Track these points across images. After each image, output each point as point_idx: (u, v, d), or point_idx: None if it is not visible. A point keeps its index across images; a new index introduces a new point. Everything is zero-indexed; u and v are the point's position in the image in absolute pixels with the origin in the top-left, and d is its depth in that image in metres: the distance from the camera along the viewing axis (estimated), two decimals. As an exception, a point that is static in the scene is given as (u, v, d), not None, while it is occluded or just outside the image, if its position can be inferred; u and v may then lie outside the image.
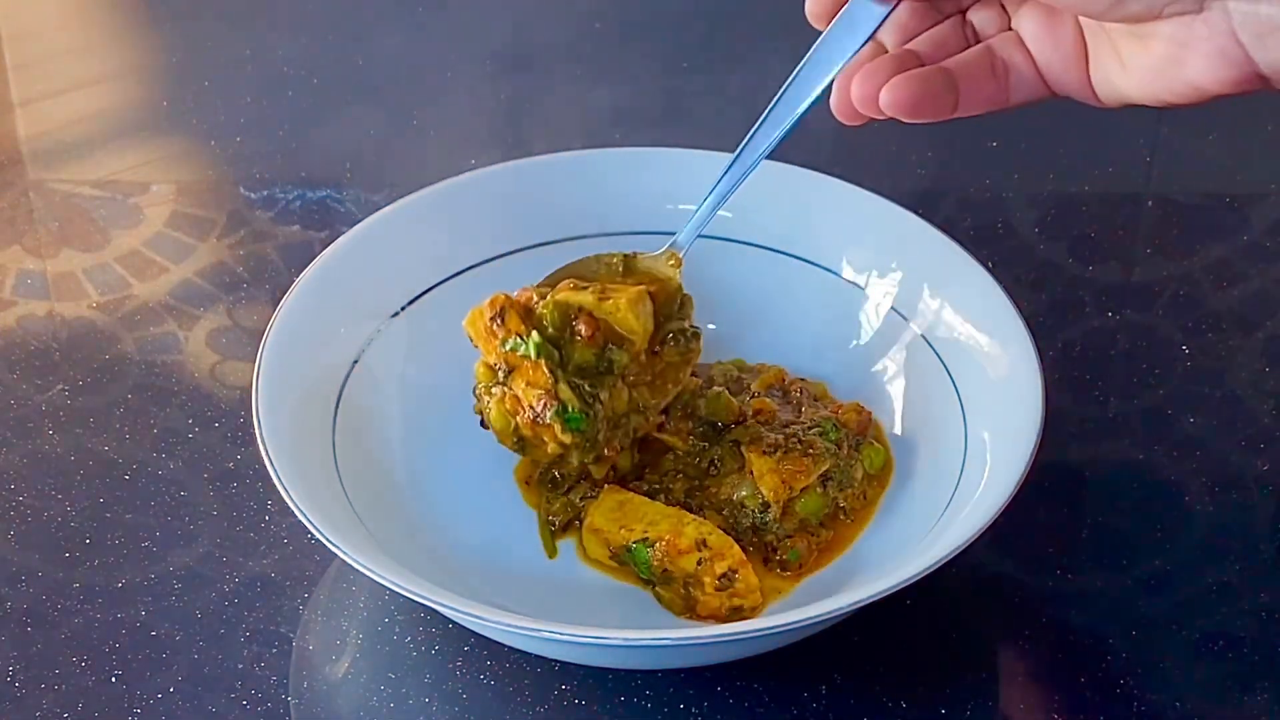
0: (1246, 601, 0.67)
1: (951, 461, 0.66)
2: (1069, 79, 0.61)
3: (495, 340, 0.66)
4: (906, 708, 0.63)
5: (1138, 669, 0.65)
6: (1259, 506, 0.71)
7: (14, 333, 0.80)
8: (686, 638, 0.59)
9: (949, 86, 0.61)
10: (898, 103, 0.60)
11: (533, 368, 0.65)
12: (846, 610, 0.59)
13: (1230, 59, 0.55)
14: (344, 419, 0.68)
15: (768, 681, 0.64)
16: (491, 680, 0.64)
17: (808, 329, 0.74)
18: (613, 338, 0.66)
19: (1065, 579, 0.68)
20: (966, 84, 0.61)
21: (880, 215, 0.74)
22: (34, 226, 0.86)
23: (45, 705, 0.63)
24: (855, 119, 0.61)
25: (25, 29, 1.01)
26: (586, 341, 0.66)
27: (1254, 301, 0.81)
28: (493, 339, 0.66)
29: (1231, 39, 0.55)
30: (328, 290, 0.70)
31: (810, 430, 0.68)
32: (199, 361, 0.78)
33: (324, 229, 0.85)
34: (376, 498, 0.67)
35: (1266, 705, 0.64)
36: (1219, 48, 0.55)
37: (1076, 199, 0.88)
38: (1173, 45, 0.56)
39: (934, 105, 0.61)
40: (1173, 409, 0.75)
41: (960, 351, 0.70)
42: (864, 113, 0.61)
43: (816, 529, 0.67)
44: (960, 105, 0.61)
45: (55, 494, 0.72)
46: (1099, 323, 0.80)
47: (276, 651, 0.65)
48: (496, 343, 0.66)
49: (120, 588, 0.68)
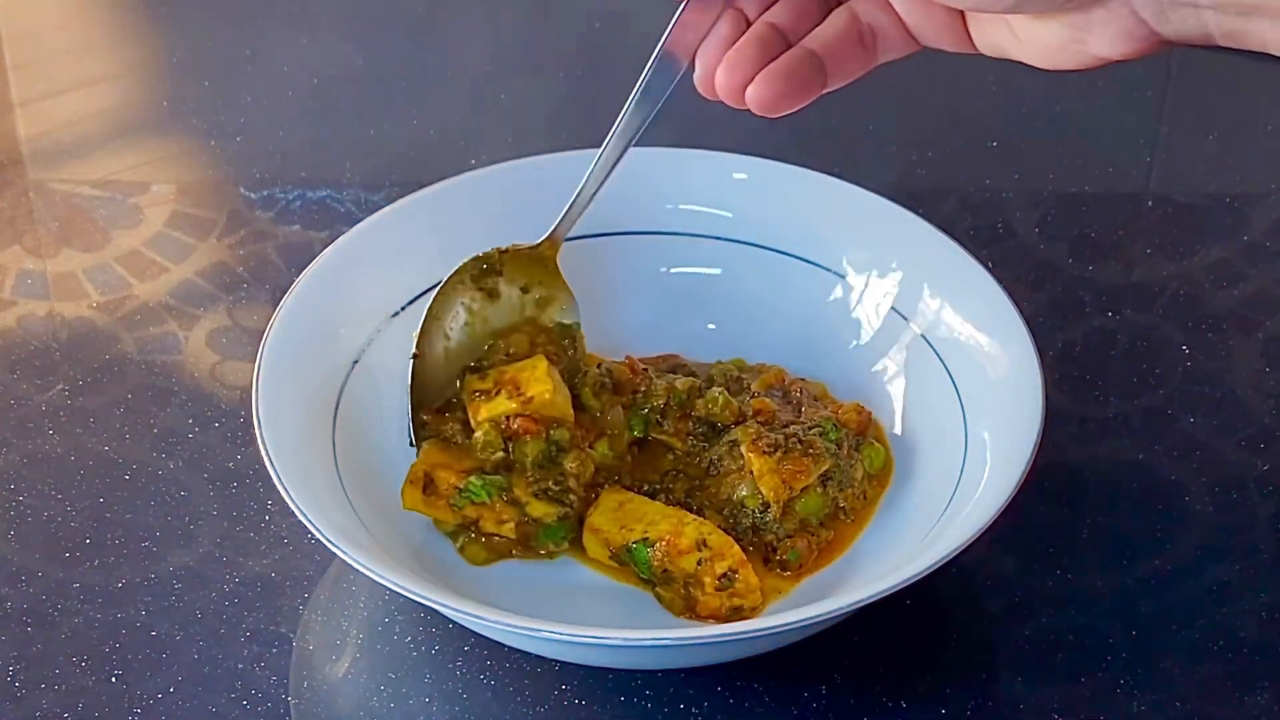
0: (1246, 601, 0.67)
1: (951, 461, 0.66)
2: (944, 39, 0.59)
3: (444, 506, 0.66)
4: (906, 708, 0.63)
5: (1138, 669, 0.65)
6: (1259, 506, 0.71)
7: (14, 333, 0.80)
8: (686, 638, 0.59)
9: (816, 71, 0.59)
10: (764, 100, 0.59)
11: (495, 506, 0.66)
12: (846, 610, 0.59)
13: (1133, 35, 0.54)
14: (344, 419, 0.68)
15: (768, 681, 0.64)
16: (491, 680, 0.64)
17: (808, 329, 0.74)
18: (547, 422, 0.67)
19: (1065, 579, 0.68)
20: (834, 61, 0.60)
21: (880, 215, 0.74)
22: (34, 226, 0.86)
23: (45, 705, 0.63)
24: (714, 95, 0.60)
25: (25, 29, 1.01)
26: (535, 437, 0.66)
27: (1254, 301, 0.81)
28: (442, 508, 0.66)
29: (1134, 18, 0.54)
30: (328, 290, 0.70)
31: (810, 430, 0.68)
32: (199, 361, 0.78)
33: (324, 229, 0.85)
34: (376, 498, 0.67)
35: (1266, 705, 0.64)
36: (1122, 28, 0.54)
37: (1076, 199, 0.88)
38: (1071, 28, 0.55)
39: (801, 95, 0.59)
40: (1173, 409, 0.75)
41: (960, 351, 0.70)
42: (729, 104, 0.60)
43: (816, 529, 0.67)
44: (828, 83, 0.60)
45: (55, 494, 0.72)
46: (1099, 323, 0.80)
47: (276, 651, 0.65)
48: (446, 507, 0.66)
49: (120, 588, 0.68)
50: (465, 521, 0.66)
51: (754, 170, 0.75)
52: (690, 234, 0.75)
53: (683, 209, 0.76)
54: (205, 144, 0.92)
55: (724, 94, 0.60)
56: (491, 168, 0.76)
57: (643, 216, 0.75)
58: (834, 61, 0.60)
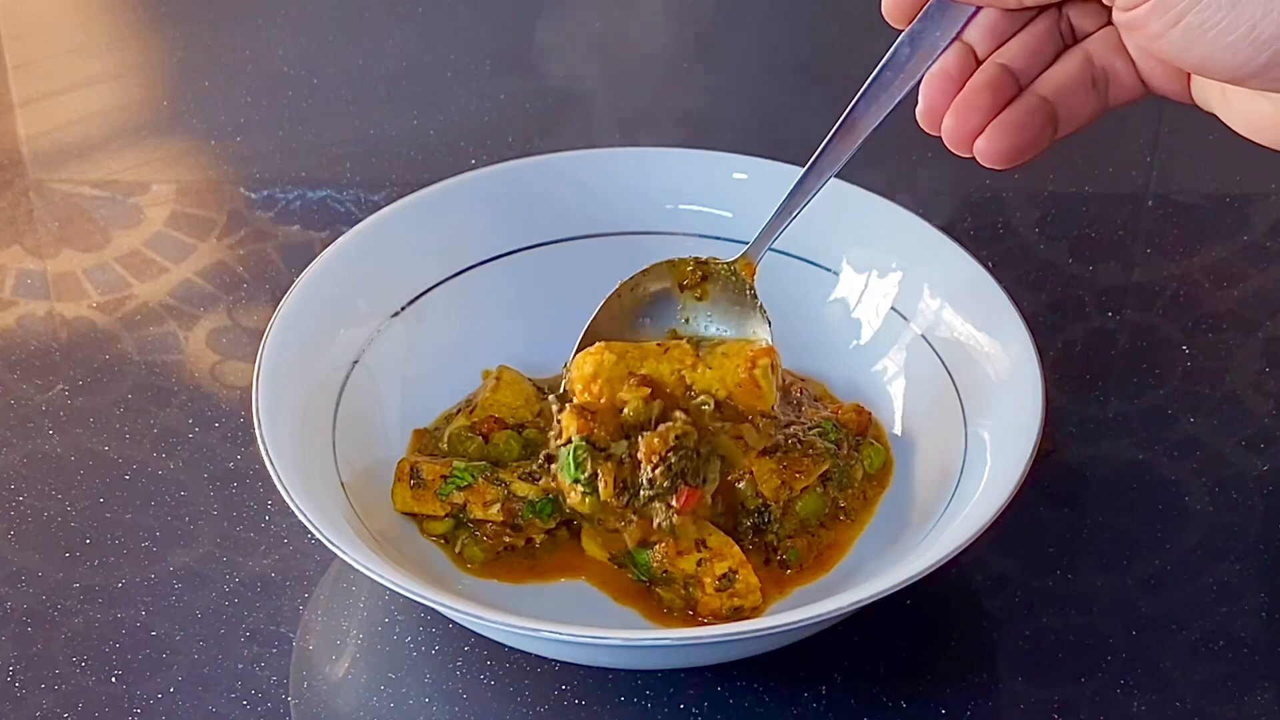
0: (1246, 601, 0.67)
1: (951, 461, 0.66)
2: (1170, 88, 0.58)
3: (432, 498, 0.67)
4: (906, 708, 0.63)
5: (1138, 669, 0.65)
6: (1259, 506, 0.71)
7: (14, 333, 0.80)
8: (686, 638, 0.59)
9: (1048, 121, 0.57)
10: (996, 155, 0.57)
11: (480, 487, 0.66)
12: (846, 610, 0.59)
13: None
14: (344, 419, 0.68)
15: (768, 681, 0.64)
16: (491, 680, 0.64)
17: (808, 329, 0.74)
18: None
19: (1065, 579, 0.68)
20: (1066, 107, 0.58)
21: (880, 215, 0.74)
22: (34, 226, 0.86)
23: (45, 705, 0.63)
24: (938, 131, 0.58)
25: (25, 29, 1.01)
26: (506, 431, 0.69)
27: (1254, 301, 0.81)
28: (430, 500, 0.67)
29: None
30: (328, 290, 0.70)
31: (810, 430, 0.68)
32: (199, 361, 0.78)
33: (324, 229, 0.85)
34: (376, 498, 0.67)
35: (1267, 705, 0.64)
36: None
37: (1076, 199, 0.88)
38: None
39: (1032, 149, 0.57)
40: (1173, 409, 0.75)
41: (960, 351, 0.70)
42: (953, 149, 0.58)
43: (816, 529, 0.67)
44: (1059, 131, 0.58)
45: (55, 494, 0.72)
46: (1099, 323, 0.80)
47: (276, 651, 0.65)
48: (434, 499, 0.67)
49: (120, 588, 0.68)
50: (454, 511, 0.66)
51: (754, 170, 0.75)
52: (690, 234, 0.75)
53: (683, 209, 0.76)
54: (205, 144, 0.92)
55: (950, 141, 0.58)
56: (491, 168, 0.76)
57: (643, 216, 0.75)
58: (1066, 107, 0.58)
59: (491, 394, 0.70)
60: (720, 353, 0.66)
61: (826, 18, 1.04)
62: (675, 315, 0.68)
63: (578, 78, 0.97)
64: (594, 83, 0.96)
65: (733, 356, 0.65)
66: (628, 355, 0.65)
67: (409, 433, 0.70)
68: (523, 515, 0.66)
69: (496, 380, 0.70)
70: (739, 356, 0.65)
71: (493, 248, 0.74)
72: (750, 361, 0.65)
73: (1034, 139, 0.58)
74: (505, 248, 0.75)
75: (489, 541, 0.67)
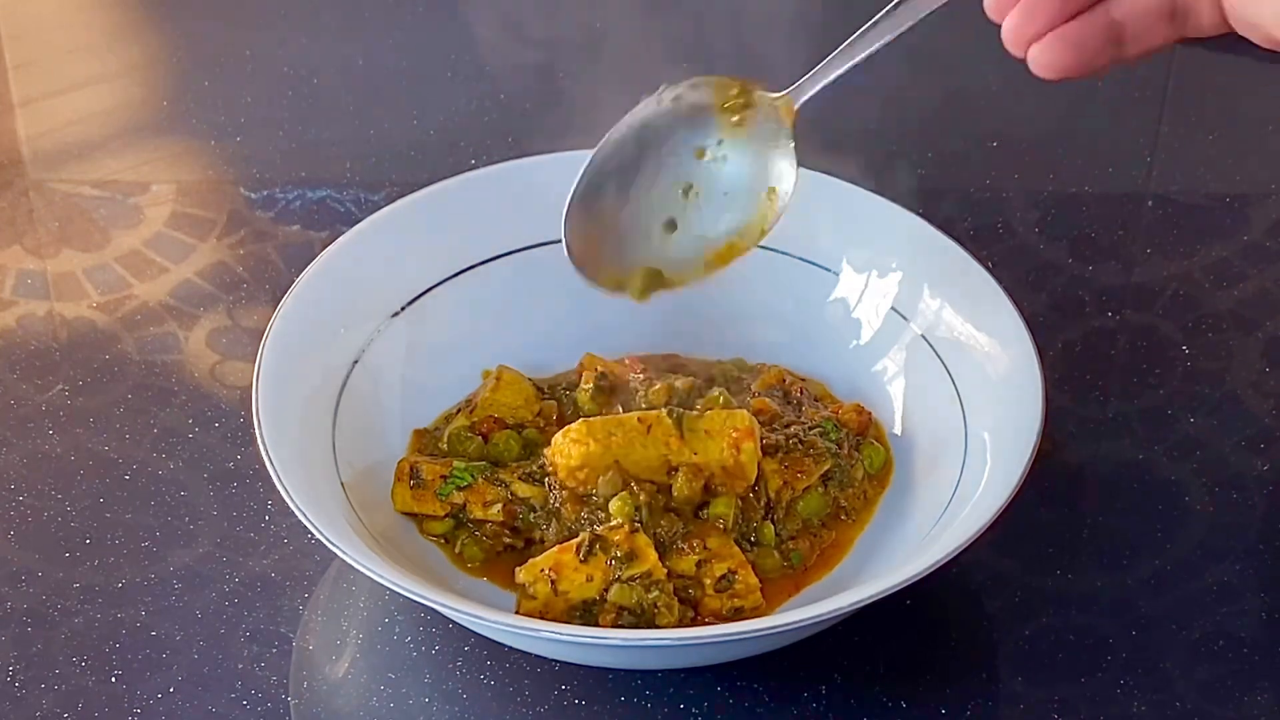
0: (1246, 601, 0.67)
1: (951, 461, 0.66)
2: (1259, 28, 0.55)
3: (432, 498, 0.67)
4: (906, 708, 0.63)
5: (1138, 669, 0.65)
6: (1259, 506, 0.71)
7: (14, 333, 0.80)
8: (686, 638, 0.59)
9: (1110, 43, 0.56)
10: (1045, 65, 0.56)
11: (480, 487, 0.66)
12: (846, 610, 0.59)
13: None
14: (344, 419, 0.68)
15: (768, 681, 0.64)
16: (491, 680, 0.64)
17: (808, 329, 0.74)
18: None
19: (1065, 579, 0.68)
20: (1136, 30, 0.57)
21: (880, 215, 0.74)
22: (34, 226, 0.86)
23: (45, 705, 0.63)
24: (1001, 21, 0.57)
25: (25, 29, 1.01)
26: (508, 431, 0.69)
27: (1254, 301, 0.81)
28: (430, 500, 0.67)
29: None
30: (328, 290, 0.70)
31: (811, 430, 0.68)
32: (199, 361, 0.78)
33: (324, 229, 0.85)
34: (376, 498, 0.67)
35: (1266, 705, 0.64)
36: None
37: (1076, 199, 0.88)
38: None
39: (1086, 68, 0.56)
40: (1173, 409, 0.75)
41: (960, 351, 0.70)
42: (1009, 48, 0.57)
43: (818, 529, 0.67)
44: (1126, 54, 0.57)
45: (55, 494, 0.72)
46: (1099, 323, 0.80)
47: (276, 651, 0.65)
48: (434, 499, 0.67)
49: (120, 588, 0.68)
50: (454, 511, 0.66)
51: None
52: (690, 233, 0.75)
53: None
54: (205, 144, 0.92)
55: (1008, 39, 0.57)
56: (491, 168, 0.76)
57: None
58: (1135, 30, 0.57)
59: (491, 394, 0.70)
60: (703, 431, 0.65)
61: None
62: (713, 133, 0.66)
63: (578, 78, 0.97)
64: (594, 82, 0.96)
65: (716, 436, 0.65)
66: (611, 442, 0.64)
67: (409, 433, 0.70)
68: (523, 518, 0.66)
69: (496, 380, 0.70)
70: (722, 437, 0.65)
71: (493, 248, 0.74)
72: (734, 445, 0.65)
73: (1089, 60, 0.57)
74: (505, 248, 0.75)
75: (489, 542, 0.67)
